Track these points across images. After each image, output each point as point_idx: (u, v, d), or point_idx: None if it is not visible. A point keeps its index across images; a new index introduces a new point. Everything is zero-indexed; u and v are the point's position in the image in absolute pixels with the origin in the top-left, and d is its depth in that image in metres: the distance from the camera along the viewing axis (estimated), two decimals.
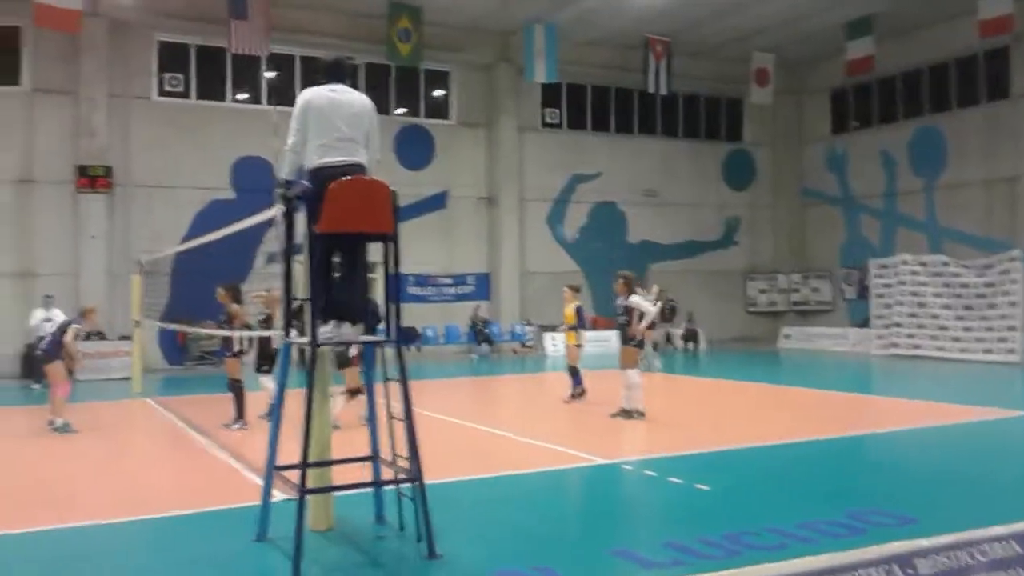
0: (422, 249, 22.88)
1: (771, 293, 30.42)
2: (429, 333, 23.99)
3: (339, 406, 10.06)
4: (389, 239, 6.13)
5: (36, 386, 16.67)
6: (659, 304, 15.62)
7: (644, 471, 8.24)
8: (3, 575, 5.68)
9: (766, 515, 6.51)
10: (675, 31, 25.13)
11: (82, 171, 20.80)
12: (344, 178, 5.82)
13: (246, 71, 23.38)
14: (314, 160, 6.00)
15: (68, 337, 11.42)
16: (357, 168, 6.00)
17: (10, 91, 20.89)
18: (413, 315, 21.99)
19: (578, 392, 13.63)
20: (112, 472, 9.09)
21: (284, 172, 6.23)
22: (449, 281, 25.27)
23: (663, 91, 25.71)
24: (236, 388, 11.44)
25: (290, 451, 5.87)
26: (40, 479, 8.68)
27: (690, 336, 26.34)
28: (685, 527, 6.33)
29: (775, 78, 27.91)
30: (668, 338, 25.85)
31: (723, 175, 30.07)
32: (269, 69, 23.67)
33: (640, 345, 12.44)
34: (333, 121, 6.01)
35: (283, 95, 23.30)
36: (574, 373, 13.77)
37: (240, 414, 11.33)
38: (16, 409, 14.44)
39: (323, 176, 5.90)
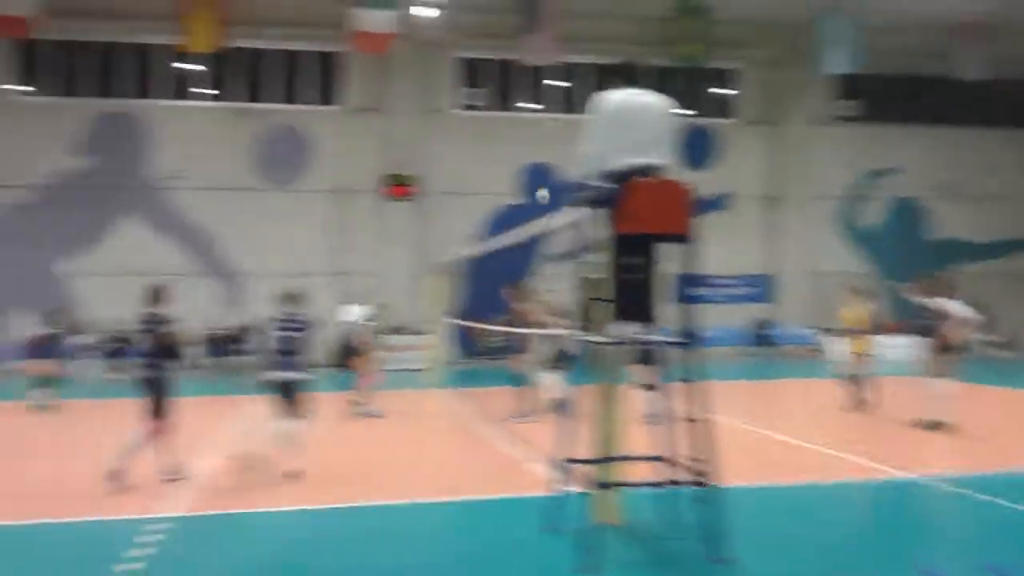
0: (703, 249, 22.47)
1: None
2: (708, 334, 23.52)
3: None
4: (685, 240, 6.11)
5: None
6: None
7: (950, 488, 7.53)
8: (320, 543, 6.36)
9: None
10: (989, 11, 22.69)
11: (389, 180, 22.77)
12: (642, 179, 5.89)
13: (535, 81, 24.39)
14: (613, 163, 6.09)
15: (367, 333, 12.53)
16: (656, 170, 6.04)
17: (330, 111, 23.35)
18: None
19: (857, 401, 12.76)
20: (410, 456, 9.86)
21: (582, 175, 6.37)
22: (730, 282, 24.67)
23: (977, 77, 23.33)
24: (521, 383, 11.95)
25: (574, 446, 6.04)
26: (346, 459, 9.62)
27: (1003, 344, 23.68)
28: (1006, 550, 5.70)
29: None
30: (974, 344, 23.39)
31: None
32: (557, 78, 24.49)
33: (952, 351, 11.27)
34: (632, 124, 6.08)
35: (571, 102, 24.06)
36: (854, 381, 12.89)
37: (526, 408, 11.82)
38: (331, 395, 16.10)
39: (622, 178, 5.99)
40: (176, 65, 22.69)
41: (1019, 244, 26.57)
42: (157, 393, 8.11)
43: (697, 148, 24.57)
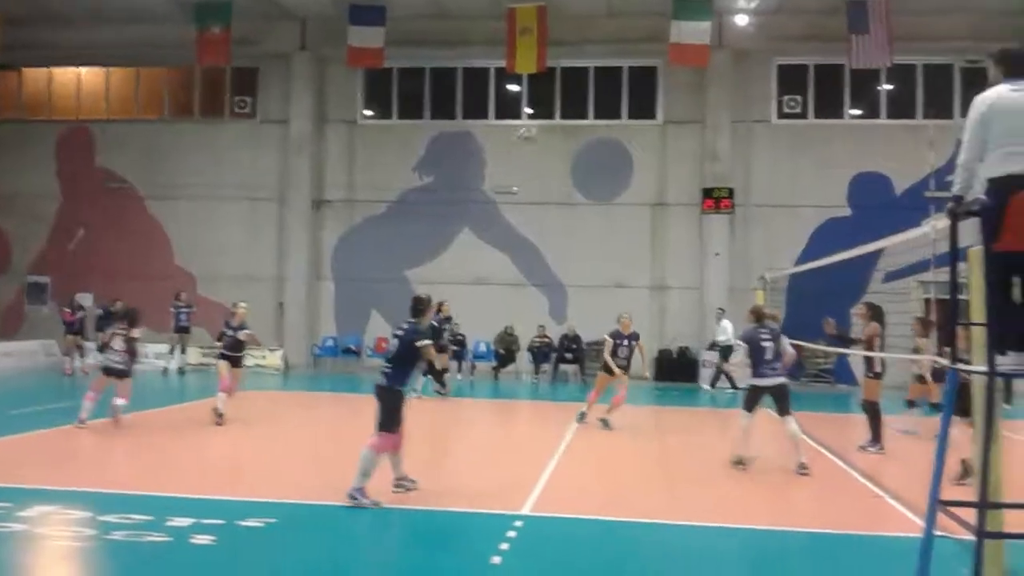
0: None
1: None
2: None
3: None
4: None
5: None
6: None
7: None
8: (677, 558, 6.28)
9: None
10: None
11: (707, 193, 22.43)
12: None
13: (863, 86, 22.82)
14: (997, 169, 5.42)
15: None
16: None
17: (648, 124, 23.52)
18: None
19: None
20: (754, 479, 9.50)
21: (957, 187, 5.77)
22: None
23: None
24: (872, 410, 11.13)
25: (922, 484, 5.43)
26: (692, 478, 9.47)
27: None
28: None
29: None
30: None
31: None
32: (888, 81, 22.76)
33: None
34: (1021, 125, 5.39)
35: (902, 107, 22.30)
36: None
37: (876, 436, 11.00)
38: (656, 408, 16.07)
39: (1008, 187, 5.31)
40: (506, 86, 24.10)
41: None
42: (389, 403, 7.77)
43: None
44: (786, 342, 10.17)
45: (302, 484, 8.48)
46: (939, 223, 6.56)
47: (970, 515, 5.19)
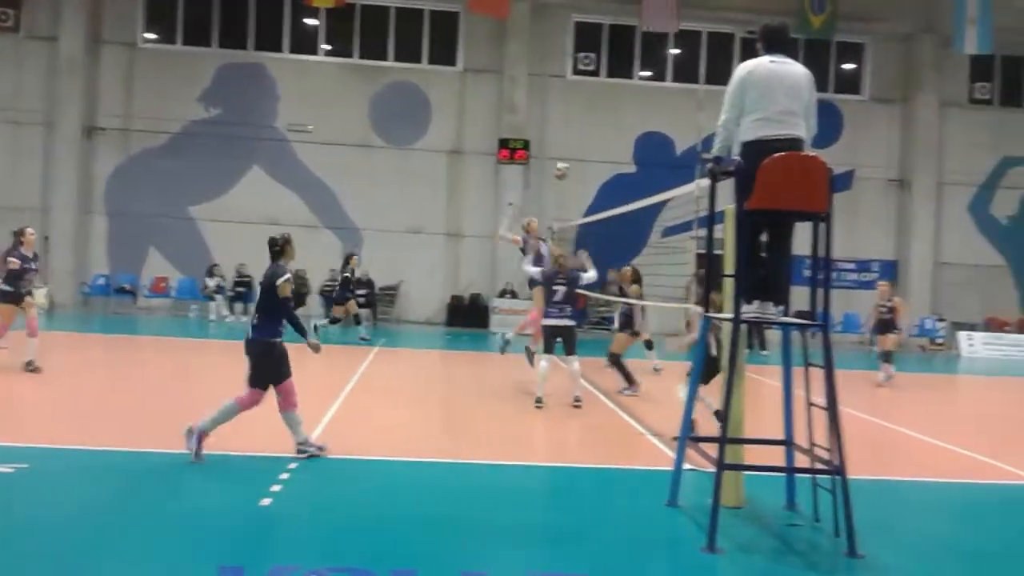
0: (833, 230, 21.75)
1: None
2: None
3: None
4: (821, 218, 5.88)
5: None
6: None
7: None
8: (459, 495, 6.46)
9: None
10: None
11: (503, 143, 22.77)
12: (778, 154, 5.67)
13: (653, 49, 23.87)
14: (750, 133, 5.87)
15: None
16: (796, 143, 5.81)
17: (447, 71, 23.45)
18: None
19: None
20: (529, 419, 9.89)
21: (716, 147, 6.18)
22: (851, 267, 23.80)
23: None
24: (615, 361, 11.82)
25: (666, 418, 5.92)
26: (472, 418, 9.73)
27: None
28: None
29: None
30: None
31: None
32: (675, 46, 23.92)
33: None
34: (773, 93, 5.83)
35: (688, 73, 23.53)
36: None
37: (629, 380, 11.71)
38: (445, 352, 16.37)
39: (758, 151, 5.76)
40: (303, 19, 23.15)
41: None
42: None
43: (819, 124, 23.61)
44: (589, 274, 10.77)
45: (58, 429, 7.93)
46: (703, 182, 6.99)
47: (714, 450, 5.66)
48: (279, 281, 7.10)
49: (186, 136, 22.62)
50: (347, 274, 16.54)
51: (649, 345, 13.94)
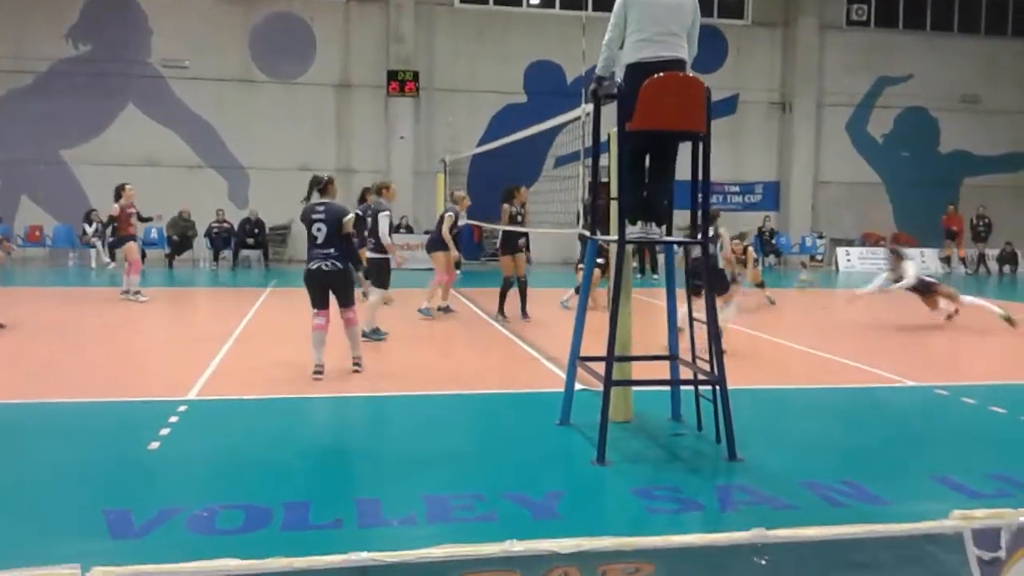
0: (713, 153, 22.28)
1: None
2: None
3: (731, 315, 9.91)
4: (700, 138, 5.99)
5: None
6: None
7: (961, 397, 7.63)
8: (352, 428, 6.47)
9: None
10: None
11: (392, 75, 22.29)
12: (658, 74, 5.72)
13: None
14: (632, 55, 5.89)
15: (445, 228, 12.34)
16: (678, 64, 5.85)
17: (330, 1, 22.65)
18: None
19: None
20: (428, 352, 9.96)
21: (599, 68, 6.18)
22: (736, 189, 24.51)
23: None
24: (505, 284, 12.01)
25: (561, 343, 6.07)
26: (381, 356, 9.70)
27: (1007, 259, 23.70)
28: (1012, 460, 5.81)
29: None
30: (982, 259, 23.49)
31: None
32: None
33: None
34: (655, 14, 5.84)
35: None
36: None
37: (500, 308, 12.01)
38: None
39: (640, 72, 5.79)
40: None
41: None
42: None
43: (704, 49, 23.95)
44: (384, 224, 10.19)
45: None
46: (588, 107, 7.01)
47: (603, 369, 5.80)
48: (345, 219, 7.90)
49: (55, 75, 21.31)
50: (359, 212, 15.64)
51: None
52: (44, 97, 21.21)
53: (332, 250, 7.90)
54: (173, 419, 6.39)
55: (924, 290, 11.96)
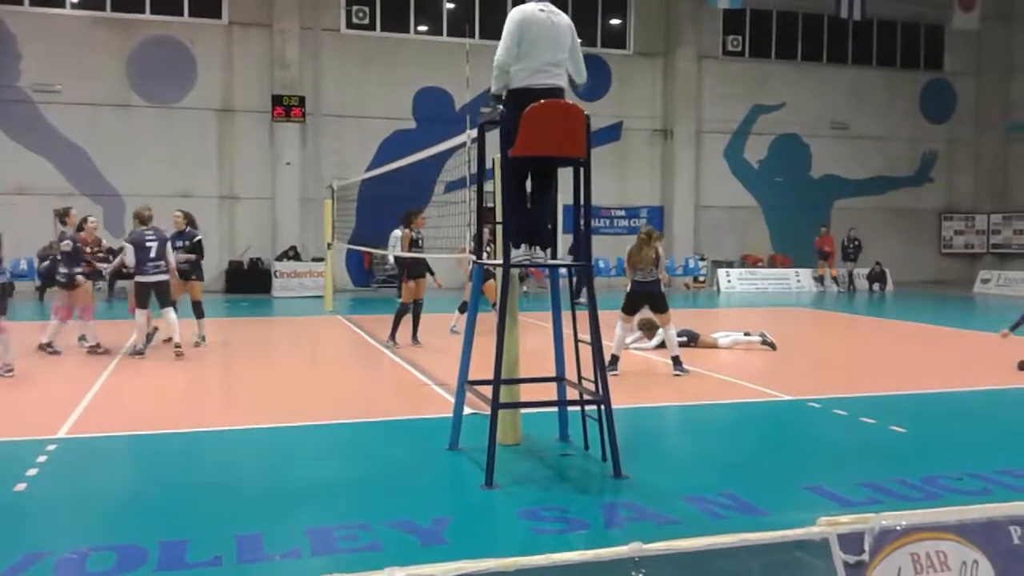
0: (595, 180, 22.64)
1: (968, 234, 28.39)
2: (601, 265, 24.00)
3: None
4: (581, 164, 6.13)
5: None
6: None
7: (833, 409, 8.00)
8: (233, 462, 6.28)
9: (966, 460, 6.20)
10: None
11: (277, 101, 21.93)
12: (540, 101, 5.82)
13: (429, 3, 23.74)
14: (518, 82, 5.98)
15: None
16: (557, 92, 5.99)
17: (212, 24, 22.18)
18: None
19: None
20: (314, 380, 9.77)
21: (493, 88, 6.19)
22: (622, 213, 25.12)
23: (856, 16, 24.15)
24: (400, 310, 11.99)
25: (452, 368, 6.09)
26: (255, 384, 9.45)
27: (876, 277, 25.03)
28: (880, 468, 6.12)
29: (982, 1, 25.62)
30: (851, 278, 24.72)
31: (920, 107, 28.05)
32: (450, 0, 23.93)
33: None
34: (545, 43, 5.94)
35: (462, 27, 23.58)
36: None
37: (392, 334, 11.98)
38: (223, 320, 15.71)
39: (524, 98, 5.88)
40: None
41: (893, 182, 27.95)
42: None
43: (589, 78, 24.53)
44: (170, 247, 11.30)
45: None
46: (473, 132, 7.08)
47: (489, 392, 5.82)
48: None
49: None
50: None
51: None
52: None
53: None
54: (41, 458, 6.07)
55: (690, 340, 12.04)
